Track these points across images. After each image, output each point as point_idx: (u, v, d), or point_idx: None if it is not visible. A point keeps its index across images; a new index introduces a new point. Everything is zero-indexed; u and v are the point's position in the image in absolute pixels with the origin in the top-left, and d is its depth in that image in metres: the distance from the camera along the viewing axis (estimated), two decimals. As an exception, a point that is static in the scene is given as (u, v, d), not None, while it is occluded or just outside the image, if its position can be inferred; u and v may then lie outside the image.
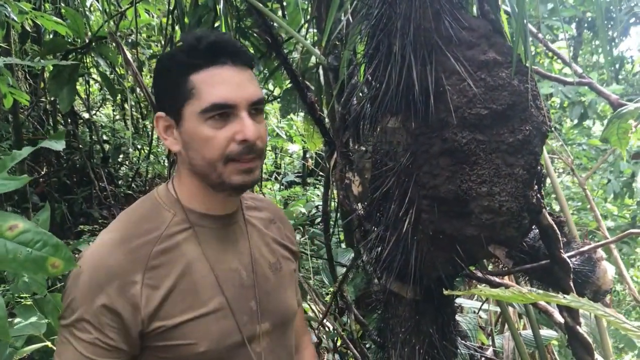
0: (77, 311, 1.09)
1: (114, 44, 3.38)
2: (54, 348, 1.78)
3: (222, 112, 1.14)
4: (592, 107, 5.22)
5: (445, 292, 1.05)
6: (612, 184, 5.43)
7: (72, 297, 1.11)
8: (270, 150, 6.91)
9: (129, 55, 2.20)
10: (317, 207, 4.99)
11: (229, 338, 1.19)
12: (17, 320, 1.69)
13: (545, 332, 2.29)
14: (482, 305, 2.44)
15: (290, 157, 7.33)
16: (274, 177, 7.17)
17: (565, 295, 0.91)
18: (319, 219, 4.65)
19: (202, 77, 1.15)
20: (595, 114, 5.34)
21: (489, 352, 2.20)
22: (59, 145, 1.14)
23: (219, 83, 1.15)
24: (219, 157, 1.15)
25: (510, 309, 2.32)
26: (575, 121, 5.49)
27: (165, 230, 1.18)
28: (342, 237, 3.30)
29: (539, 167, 1.22)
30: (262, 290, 1.29)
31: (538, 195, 1.24)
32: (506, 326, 2.61)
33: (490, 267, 1.72)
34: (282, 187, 6.90)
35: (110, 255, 1.13)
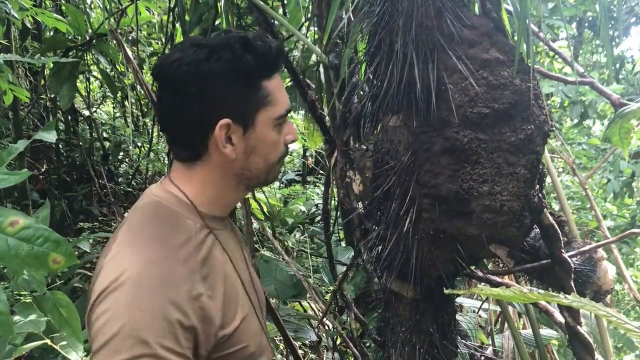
0: (147, 342, 0.91)
1: (114, 41, 3.37)
2: (54, 346, 1.79)
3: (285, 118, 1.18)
4: (592, 107, 5.22)
5: (446, 292, 1.04)
6: (612, 184, 5.43)
7: (135, 327, 0.92)
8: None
9: (129, 53, 2.20)
10: (316, 205, 5.00)
11: (259, 334, 1.22)
12: (16, 317, 1.69)
13: (545, 331, 2.29)
14: (482, 304, 2.44)
15: (290, 155, 7.33)
16: (273, 175, 7.14)
17: (567, 295, 0.91)
18: (318, 218, 4.65)
19: (274, 84, 1.15)
20: (596, 113, 5.34)
21: (489, 352, 2.20)
22: (51, 137, 1.13)
23: (283, 90, 1.18)
24: (279, 159, 1.20)
25: (510, 309, 2.32)
26: (576, 120, 5.49)
27: (196, 238, 1.11)
28: (342, 235, 3.30)
29: (540, 167, 1.22)
30: (257, 285, 1.33)
31: (539, 194, 1.23)
32: (506, 325, 2.61)
33: (490, 267, 1.72)
34: (281, 185, 6.90)
35: (170, 268, 1.01)
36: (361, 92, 1.66)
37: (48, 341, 1.44)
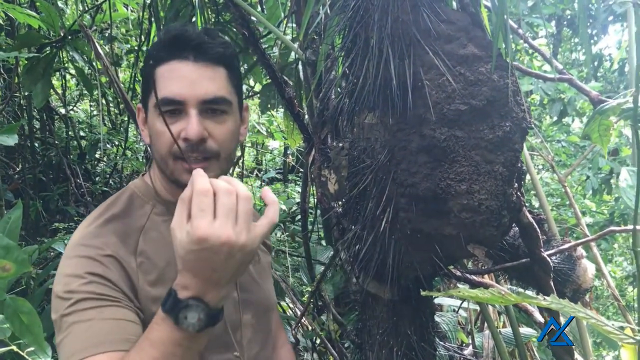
0: (79, 279, 1.05)
1: (88, 38, 3.29)
2: (20, 352, 1.73)
3: (173, 108, 1.13)
4: (571, 104, 5.25)
5: (423, 293, 1.02)
6: (591, 181, 5.46)
7: (67, 277, 1.07)
8: (250, 147, 6.88)
9: (99, 49, 2.14)
10: (297, 203, 4.96)
11: None
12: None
13: (525, 330, 2.29)
14: (461, 303, 2.43)
15: (271, 153, 7.28)
16: (255, 173, 7.12)
17: (546, 297, 0.89)
18: (299, 216, 4.62)
19: (162, 71, 1.14)
20: (575, 110, 5.37)
21: (469, 351, 2.19)
22: (11, 141, 1.09)
23: (173, 78, 1.14)
24: (167, 154, 1.16)
25: (490, 308, 2.31)
26: (555, 118, 5.51)
27: (148, 222, 1.19)
28: (322, 234, 3.27)
29: (519, 165, 1.20)
30: (244, 281, 1.31)
31: (518, 193, 1.21)
32: (486, 324, 2.60)
33: (470, 266, 1.70)
34: (263, 183, 6.85)
35: (103, 235, 1.12)
36: (338, 89, 1.63)
37: (14, 347, 1.39)
